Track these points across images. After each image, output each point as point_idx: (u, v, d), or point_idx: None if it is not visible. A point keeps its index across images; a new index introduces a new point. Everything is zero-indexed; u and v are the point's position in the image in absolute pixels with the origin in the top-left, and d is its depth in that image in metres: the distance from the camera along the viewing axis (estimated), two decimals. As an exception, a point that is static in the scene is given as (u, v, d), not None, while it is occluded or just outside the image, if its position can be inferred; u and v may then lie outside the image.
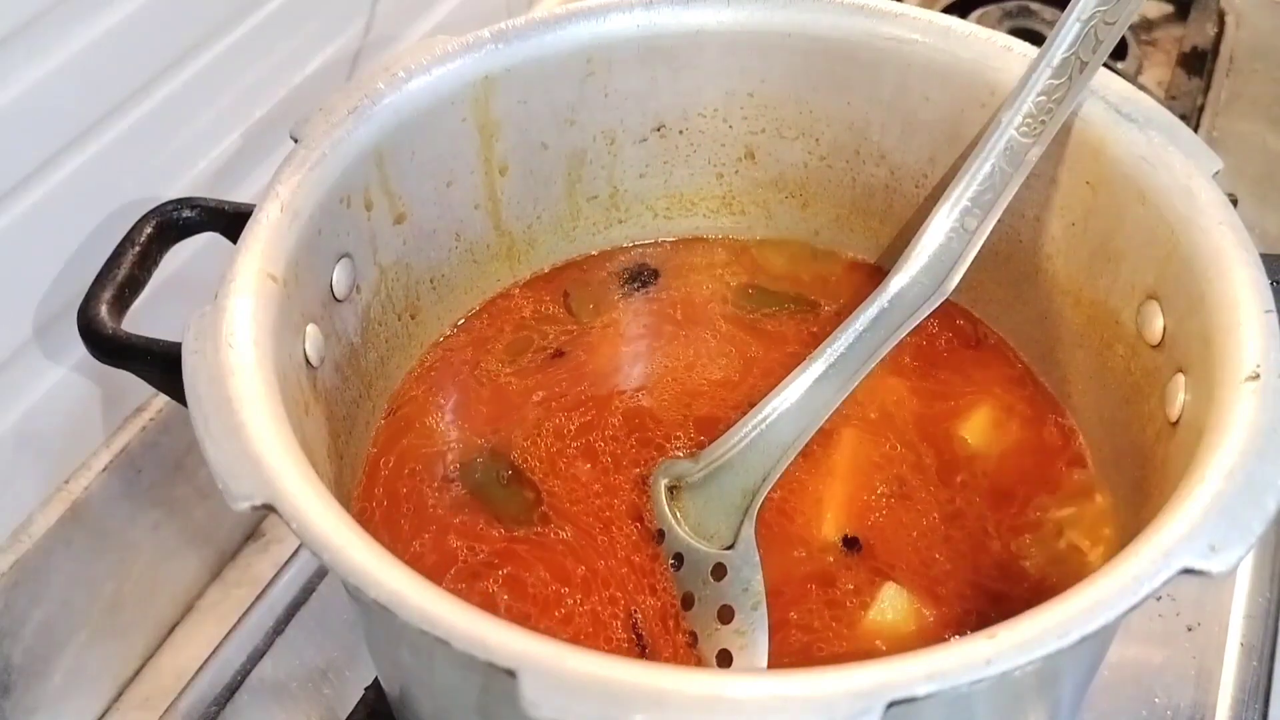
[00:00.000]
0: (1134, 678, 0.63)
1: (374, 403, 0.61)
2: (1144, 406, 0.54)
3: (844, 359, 0.58)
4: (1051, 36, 0.57)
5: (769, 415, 0.58)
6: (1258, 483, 0.41)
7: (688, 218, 0.70)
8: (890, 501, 0.58)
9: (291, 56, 0.70)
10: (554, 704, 0.36)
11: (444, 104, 0.59)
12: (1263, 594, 0.66)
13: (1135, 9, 0.56)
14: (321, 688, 0.65)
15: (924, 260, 0.59)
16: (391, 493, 0.59)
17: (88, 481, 0.63)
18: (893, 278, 0.59)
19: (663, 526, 0.57)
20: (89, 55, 0.56)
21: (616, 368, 0.64)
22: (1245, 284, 0.48)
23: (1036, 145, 0.57)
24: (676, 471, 0.58)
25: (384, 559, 0.40)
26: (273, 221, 0.51)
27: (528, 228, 0.67)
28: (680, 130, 0.67)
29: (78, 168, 0.57)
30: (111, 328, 0.50)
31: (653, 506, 0.58)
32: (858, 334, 0.59)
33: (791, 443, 0.57)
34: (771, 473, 0.57)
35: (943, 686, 0.36)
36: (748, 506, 0.56)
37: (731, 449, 0.58)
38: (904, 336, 0.59)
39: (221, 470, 0.42)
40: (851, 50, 0.63)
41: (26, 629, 0.61)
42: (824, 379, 0.58)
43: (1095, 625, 0.38)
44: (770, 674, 0.47)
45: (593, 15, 0.62)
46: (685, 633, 0.54)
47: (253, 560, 0.74)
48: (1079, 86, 0.56)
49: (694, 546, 0.56)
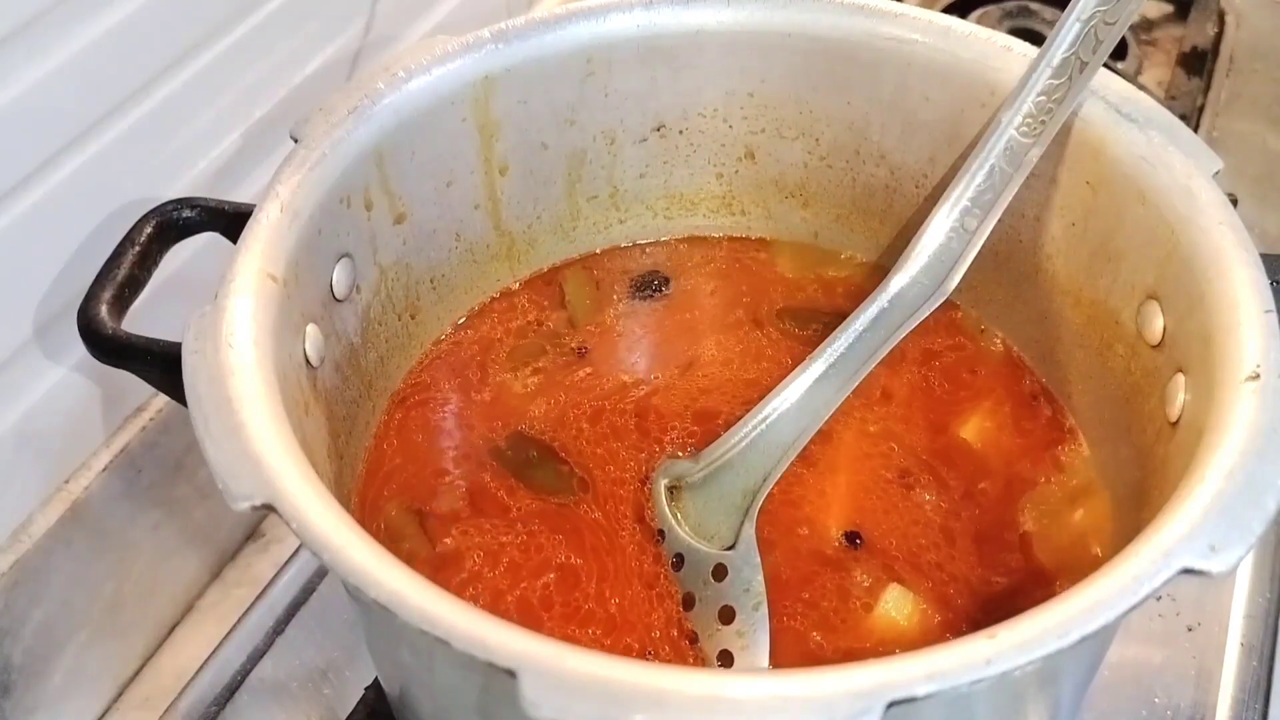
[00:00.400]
0: (1134, 678, 0.63)
1: (374, 403, 0.61)
2: (1144, 406, 0.54)
3: (844, 359, 0.58)
4: (1051, 36, 0.57)
5: (769, 415, 0.58)
6: (1258, 483, 0.41)
7: (688, 218, 0.70)
8: (891, 501, 0.58)
9: (291, 56, 0.70)
10: (554, 704, 0.36)
11: (444, 104, 0.59)
12: (1263, 594, 0.66)
13: (1135, 9, 0.56)
14: (321, 688, 0.65)
15: (924, 260, 0.59)
16: (389, 491, 0.59)
17: (88, 481, 0.63)
18: (893, 277, 0.59)
19: (663, 527, 0.57)
20: (89, 55, 0.56)
21: (617, 366, 0.64)
22: (1245, 284, 0.48)
23: (1036, 145, 0.57)
24: (677, 471, 0.58)
25: (384, 559, 0.40)
26: (273, 221, 0.51)
27: (528, 228, 0.67)
28: (680, 130, 0.67)
29: (78, 168, 0.57)
30: (111, 328, 0.50)
31: (653, 507, 0.58)
32: (857, 334, 0.59)
33: (792, 443, 0.57)
34: (772, 473, 0.57)
35: (943, 686, 0.36)
36: (748, 507, 0.56)
37: (732, 449, 0.58)
38: (904, 336, 0.59)
39: (221, 470, 0.42)
40: (851, 50, 0.63)
41: (26, 629, 0.61)
42: (824, 379, 0.58)
43: (1095, 625, 0.38)
44: (770, 674, 0.47)
45: (593, 15, 0.62)
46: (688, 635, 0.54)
47: (253, 560, 0.74)
48: (1079, 86, 0.56)
49: (694, 547, 0.56)
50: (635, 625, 0.54)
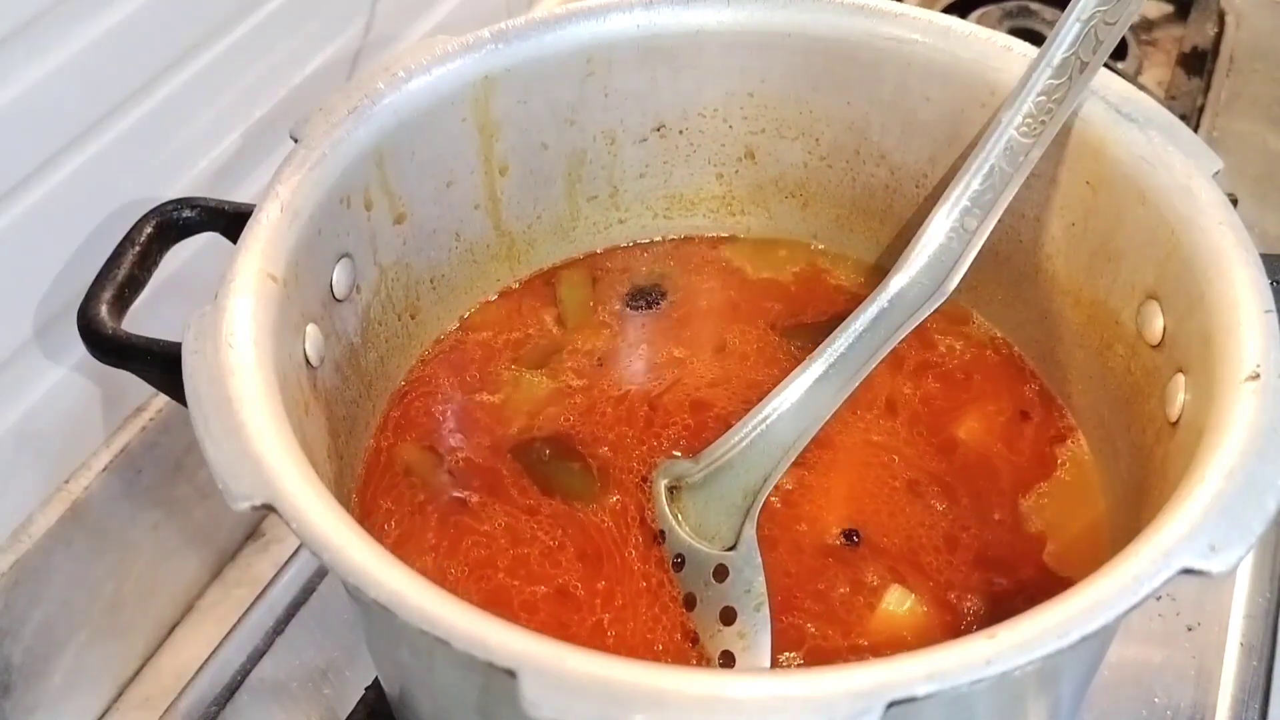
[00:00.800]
0: (1134, 678, 0.63)
1: (374, 403, 0.61)
2: (1144, 406, 0.54)
3: (844, 359, 0.58)
4: (1051, 36, 0.57)
5: (769, 416, 0.58)
6: (1258, 483, 0.41)
7: (688, 218, 0.70)
8: (889, 501, 0.58)
9: (291, 56, 0.70)
10: (554, 704, 0.36)
11: (444, 104, 0.59)
12: (1263, 594, 0.66)
13: (1135, 9, 0.56)
14: (321, 688, 0.65)
15: (924, 260, 0.59)
16: (386, 489, 0.59)
17: (88, 481, 0.63)
18: (892, 278, 0.59)
19: (664, 527, 0.57)
20: (89, 55, 0.56)
21: (616, 367, 0.64)
22: (1245, 284, 0.48)
23: (1036, 145, 0.57)
24: (676, 472, 0.58)
25: (384, 559, 0.40)
26: (273, 221, 0.51)
27: (528, 228, 0.67)
28: (680, 130, 0.67)
29: (78, 168, 0.57)
30: (111, 328, 0.50)
31: (653, 507, 0.58)
32: (857, 334, 0.59)
33: (792, 443, 0.57)
34: (772, 474, 0.57)
35: (943, 686, 0.36)
36: (749, 507, 0.56)
37: (732, 449, 0.58)
38: (905, 336, 0.59)
39: (221, 470, 0.42)
40: (851, 50, 0.63)
41: (26, 629, 0.61)
42: (824, 379, 0.58)
43: (1095, 625, 0.38)
44: (770, 674, 0.47)
45: (593, 15, 0.62)
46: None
47: (253, 560, 0.74)
48: (1079, 87, 0.56)
49: (695, 548, 0.56)
50: (638, 632, 0.54)
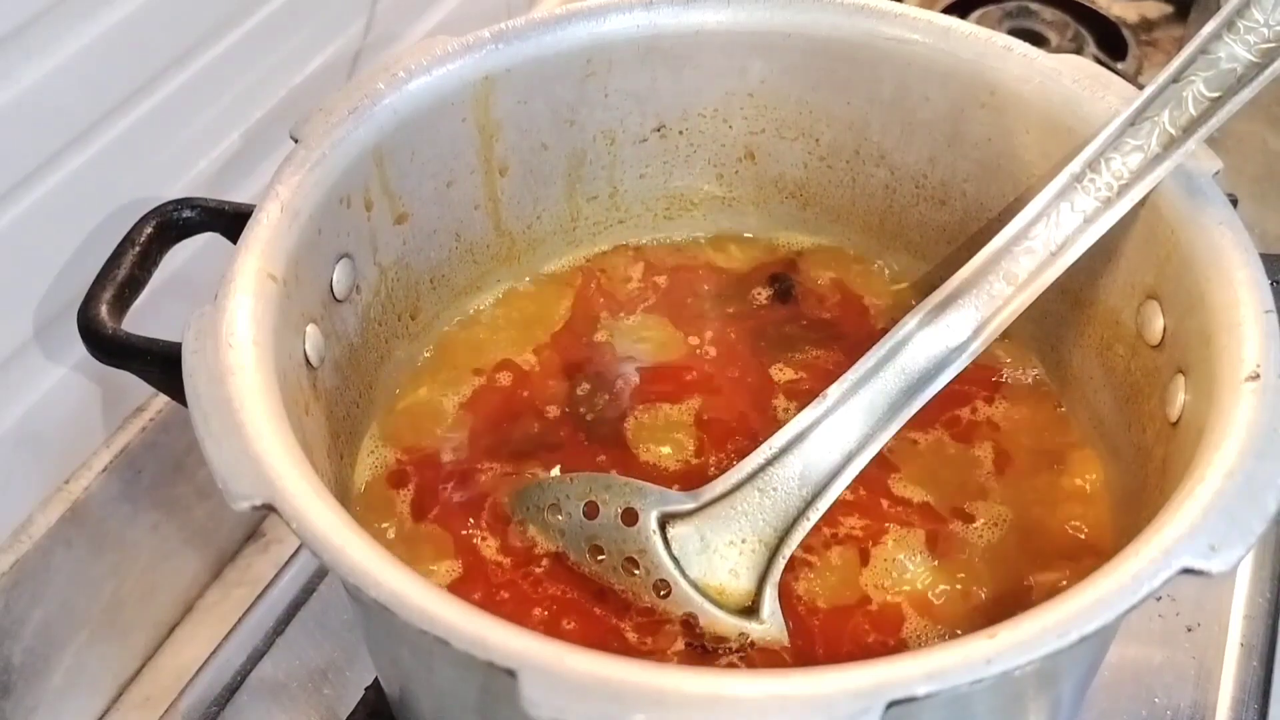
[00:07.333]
0: (1134, 678, 0.63)
1: (374, 403, 0.61)
2: (1144, 406, 0.54)
3: (873, 401, 0.54)
4: (1142, 97, 0.52)
5: (781, 446, 0.53)
6: (1258, 483, 0.41)
7: (688, 218, 0.70)
8: (891, 500, 0.58)
9: (291, 56, 0.70)
10: (554, 704, 0.36)
11: (444, 104, 0.59)
12: (1263, 594, 0.66)
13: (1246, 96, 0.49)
14: (321, 688, 0.65)
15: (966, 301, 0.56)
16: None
17: (88, 481, 0.63)
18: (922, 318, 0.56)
19: (664, 577, 0.52)
20: (89, 55, 0.56)
21: (614, 375, 0.64)
22: (1245, 284, 0.48)
23: (1107, 211, 0.53)
24: (668, 506, 0.53)
25: (384, 559, 0.40)
26: (273, 221, 0.51)
27: (528, 228, 0.67)
28: (680, 130, 0.67)
29: (78, 168, 0.57)
30: (111, 328, 0.51)
31: (648, 555, 0.52)
32: (886, 373, 0.55)
33: (818, 482, 0.53)
34: (796, 525, 0.52)
35: (943, 686, 0.36)
36: (768, 563, 0.52)
37: (735, 485, 0.53)
38: (949, 381, 0.55)
39: (221, 470, 0.42)
40: (851, 50, 0.63)
41: (26, 629, 0.61)
42: (849, 412, 0.54)
43: (1095, 625, 0.38)
44: (770, 673, 0.47)
45: (593, 15, 0.62)
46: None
47: (253, 560, 0.74)
48: (1164, 162, 0.51)
49: (711, 612, 0.51)
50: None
